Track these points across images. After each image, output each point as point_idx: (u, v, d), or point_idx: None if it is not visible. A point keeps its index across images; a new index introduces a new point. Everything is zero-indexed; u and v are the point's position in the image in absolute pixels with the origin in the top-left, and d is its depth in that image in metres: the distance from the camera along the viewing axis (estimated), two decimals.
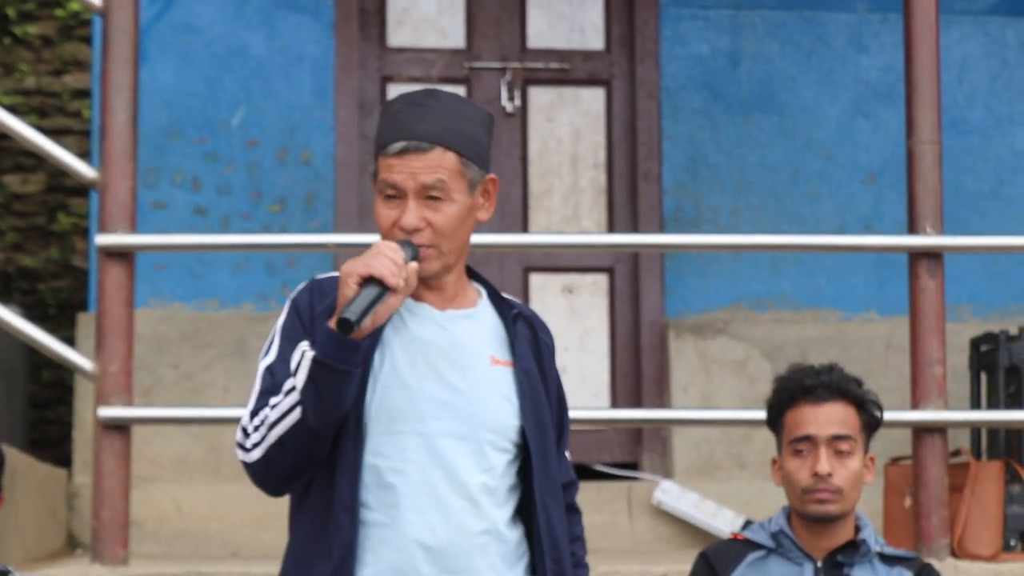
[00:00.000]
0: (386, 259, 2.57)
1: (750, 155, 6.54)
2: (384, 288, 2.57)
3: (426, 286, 2.74)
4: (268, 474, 2.66)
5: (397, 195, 2.68)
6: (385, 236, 2.70)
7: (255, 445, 2.65)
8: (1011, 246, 5.41)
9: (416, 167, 2.67)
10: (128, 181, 4.84)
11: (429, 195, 2.67)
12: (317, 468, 2.67)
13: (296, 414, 2.60)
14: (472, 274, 2.85)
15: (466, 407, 2.70)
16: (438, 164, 2.67)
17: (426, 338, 2.72)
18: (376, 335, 2.68)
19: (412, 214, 2.67)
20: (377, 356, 2.69)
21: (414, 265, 2.62)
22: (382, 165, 2.70)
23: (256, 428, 2.66)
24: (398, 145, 2.67)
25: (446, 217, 2.69)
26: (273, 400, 2.65)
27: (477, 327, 2.78)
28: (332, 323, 2.58)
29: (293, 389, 2.61)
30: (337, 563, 2.62)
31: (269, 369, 2.70)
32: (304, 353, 2.61)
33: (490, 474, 2.70)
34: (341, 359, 2.57)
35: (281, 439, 2.62)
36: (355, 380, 2.61)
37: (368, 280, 2.57)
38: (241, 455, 2.68)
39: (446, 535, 2.65)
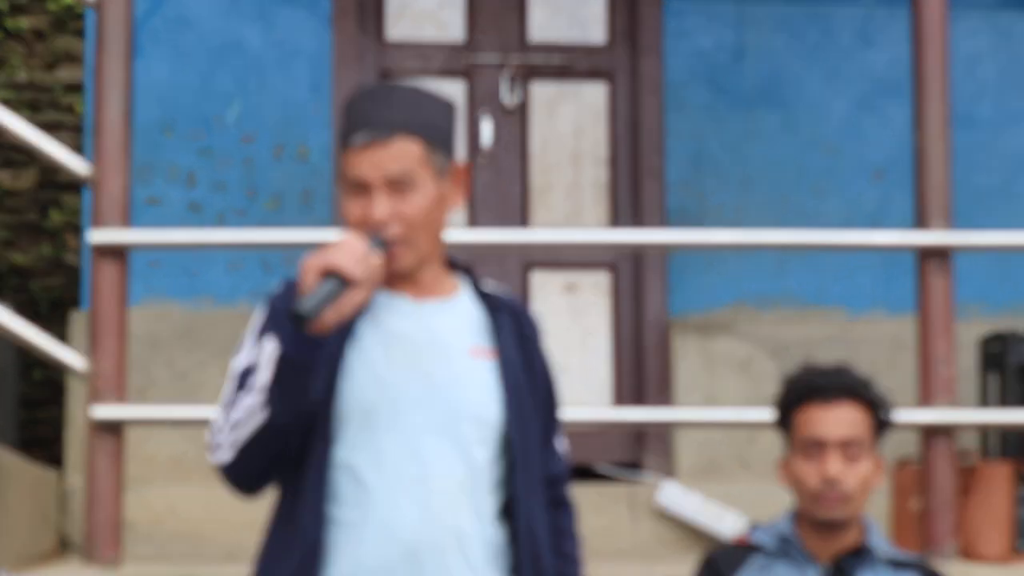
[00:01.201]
0: (347, 250, 2.53)
1: (755, 151, 6.53)
2: (344, 281, 2.52)
3: (401, 279, 2.70)
4: (239, 474, 2.64)
5: (364, 189, 2.64)
6: (355, 231, 2.65)
7: (223, 445, 2.63)
8: (1020, 244, 5.40)
9: (381, 158, 2.62)
10: (121, 177, 4.83)
11: (396, 186, 2.63)
12: (288, 466, 2.64)
13: (263, 412, 2.57)
14: (452, 264, 2.82)
15: (445, 400, 2.66)
16: (403, 153, 2.63)
17: (402, 331, 2.69)
18: (346, 329, 2.65)
19: (381, 206, 2.62)
20: (351, 351, 2.65)
21: (376, 259, 2.57)
22: (347, 161, 2.66)
23: (223, 429, 2.63)
24: (361, 137, 2.63)
25: (416, 207, 2.64)
26: (241, 399, 2.62)
27: (456, 318, 2.75)
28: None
29: (258, 388, 2.58)
30: (297, 563, 2.60)
31: (240, 370, 2.67)
32: (268, 350, 2.57)
33: (471, 468, 2.67)
34: (304, 353, 2.53)
35: (250, 438, 2.59)
36: (319, 375, 2.57)
37: (328, 273, 2.52)
38: (212, 456, 2.66)
39: (423, 531, 2.62)
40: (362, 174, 2.63)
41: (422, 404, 2.65)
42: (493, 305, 2.77)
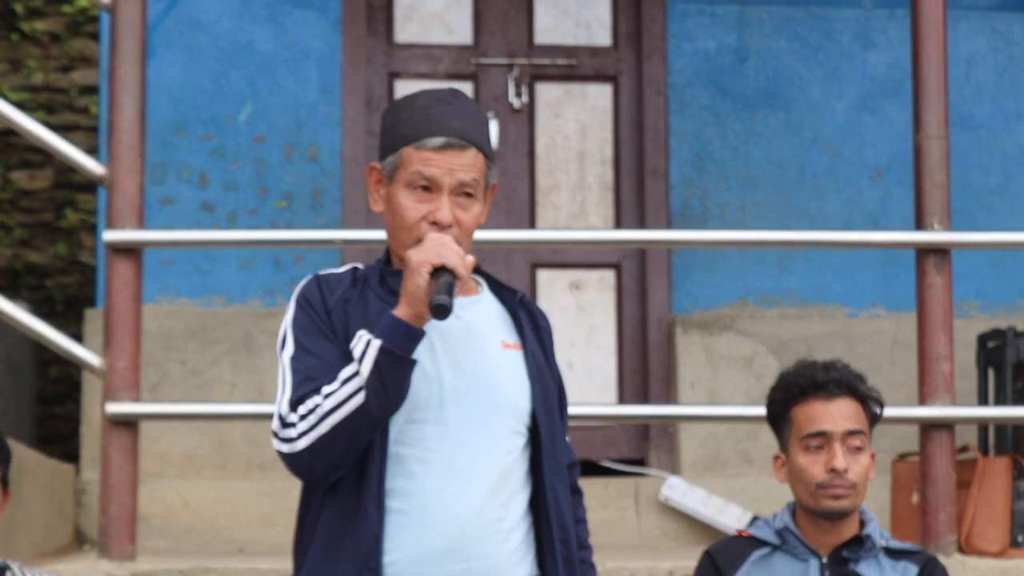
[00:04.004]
0: (452, 249, 2.62)
1: (757, 151, 6.54)
2: (454, 277, 2.61)
3: None
4: (315, 462, 2.65)
5: (430, 188, 2.71)
6: (409, 228, 2.72)
7: (302, 434, 2.64)
8: (1018, 242, 5.39)
9: (456, 164, 2.71)
10: (135, 177, 4.83)
11: (462, 193, 2.72)
12: (356, 460, 2.68)
13: (356, 402, 2.62)
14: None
15: (485, 392, 2.72)
16: (473, 164, 2.73)
17: (442, 326, 2.73)
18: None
19: (448, 210, 2.71)
20: None
21: (471, 257, 2.66)
22: (415, 158, 2.72)
23: (303, 417, 2.65)
24: (439, 140, 2.71)
25: (472, 216, 2.75)
26: (327, 389, 2.65)
27: (487, 313, 2.82)
28: (401, 312, 2.61)
29: (352, 377, 2.63)
30: (365, 553, 2.64)
31: (295, 360, 2.71)
32: (370, 342, 2.62)
33: (510, 458, 2.73)
34: (406, 347, 2.61)
35: (336, 427, 2.62)
36: (413, 369, 2.64)
37: (439, 270, 2.61)
38: (282, 446, 2.67)
39: (468, 522, 2.67)
40: (435, 175, 2.71)
41: (465, 396, 2.71)
42: (512, 301, 2.85)
